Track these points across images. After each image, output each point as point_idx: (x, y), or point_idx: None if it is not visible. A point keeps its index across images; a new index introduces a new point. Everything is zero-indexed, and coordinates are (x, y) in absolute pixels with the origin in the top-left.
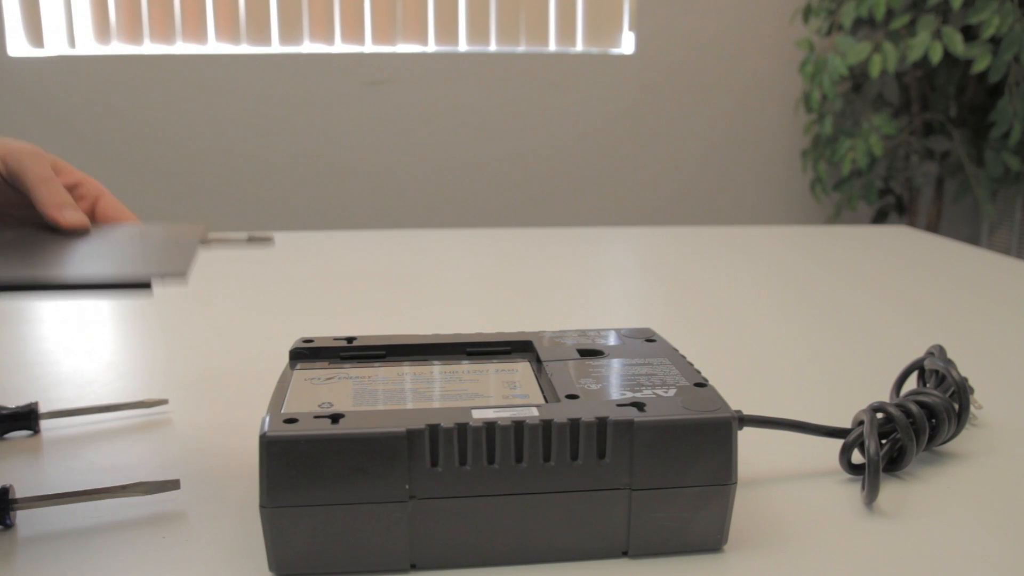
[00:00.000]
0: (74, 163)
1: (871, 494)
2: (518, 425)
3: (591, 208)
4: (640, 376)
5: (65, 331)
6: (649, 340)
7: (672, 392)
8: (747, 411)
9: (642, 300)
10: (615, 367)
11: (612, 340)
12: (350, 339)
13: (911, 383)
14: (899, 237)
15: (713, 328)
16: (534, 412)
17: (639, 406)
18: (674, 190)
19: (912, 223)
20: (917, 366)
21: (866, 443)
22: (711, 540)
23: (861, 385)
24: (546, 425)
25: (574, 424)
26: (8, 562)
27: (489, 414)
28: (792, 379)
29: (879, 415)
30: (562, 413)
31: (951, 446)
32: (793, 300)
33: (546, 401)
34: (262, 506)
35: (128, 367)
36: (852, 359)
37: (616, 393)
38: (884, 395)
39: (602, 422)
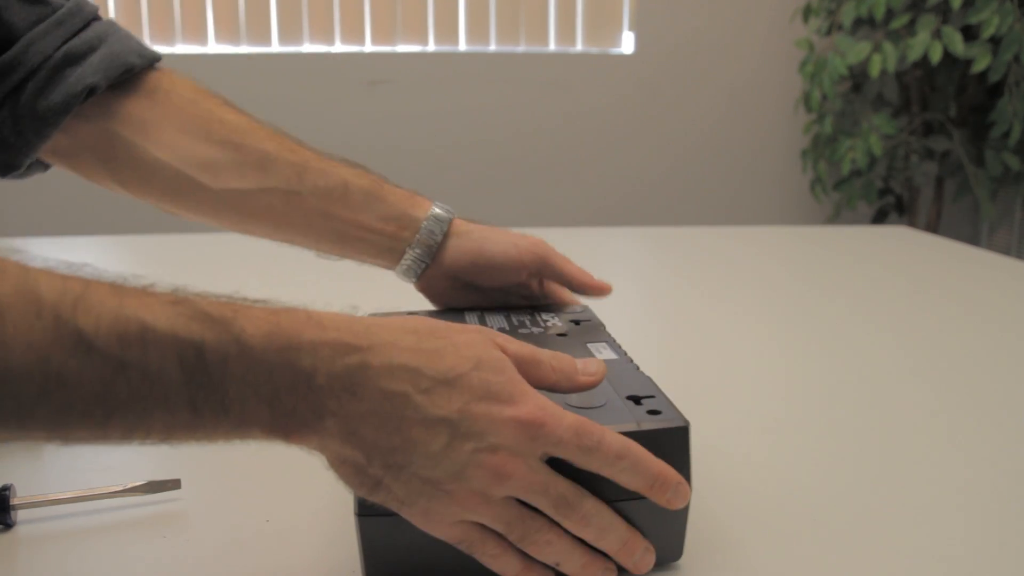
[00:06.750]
0: None
1: None
2: None
3: (591, 208)
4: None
5: None
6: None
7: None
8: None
9: (637, 300)
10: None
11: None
12: None
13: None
14: (899, 237)
15: (710, 328)
16: None
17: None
18: (674, 190)
19: (912, 223)
20: None
21: None
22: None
23: (860, 385)
24: None
25: None
26: (8, 562)
27: None
28: (787, 380)
29: None
30: None
31: (972, 444)
32: (791, 301)
33: None
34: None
35: None
36: (850, 359)
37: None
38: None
39: None
